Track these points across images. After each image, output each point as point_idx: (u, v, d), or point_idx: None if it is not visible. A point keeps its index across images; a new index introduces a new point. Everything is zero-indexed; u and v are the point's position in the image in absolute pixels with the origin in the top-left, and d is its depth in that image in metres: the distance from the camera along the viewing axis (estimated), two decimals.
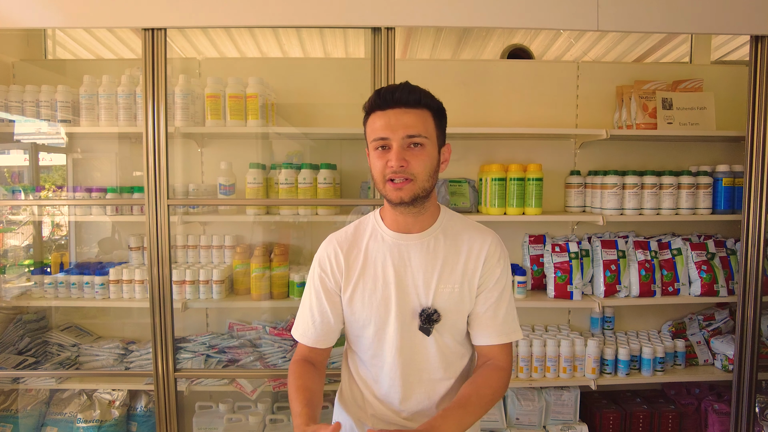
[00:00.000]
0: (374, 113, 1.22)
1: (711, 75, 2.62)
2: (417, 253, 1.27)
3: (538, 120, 2.61)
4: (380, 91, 1.21)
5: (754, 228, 2.19)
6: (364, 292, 1.29)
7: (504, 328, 1.30)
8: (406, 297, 1.27)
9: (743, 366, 2.23)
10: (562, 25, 2.10)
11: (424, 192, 1.21)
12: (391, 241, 1.29)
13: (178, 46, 3.66)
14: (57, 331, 2.50)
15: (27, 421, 2.42)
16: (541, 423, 2.46)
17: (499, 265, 1.30)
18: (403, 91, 1.20)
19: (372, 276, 1.28)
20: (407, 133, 1.18)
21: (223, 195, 2.36)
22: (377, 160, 1.21)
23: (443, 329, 1.28)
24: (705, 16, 2.10)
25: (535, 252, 2.58)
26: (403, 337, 1.28)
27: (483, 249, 1.29)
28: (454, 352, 1.33)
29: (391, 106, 1.19)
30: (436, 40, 4.00)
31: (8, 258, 2.64)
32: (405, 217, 1.27)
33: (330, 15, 2.02)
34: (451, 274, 1.27)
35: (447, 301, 1.27)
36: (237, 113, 2.26)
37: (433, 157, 1.22)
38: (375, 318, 1.28)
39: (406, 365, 1.29)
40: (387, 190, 1.21)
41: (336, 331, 1.35)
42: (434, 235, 1.29)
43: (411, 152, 1.18)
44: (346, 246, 1.32)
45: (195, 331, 2.56)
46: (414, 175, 1.18)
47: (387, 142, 1.19)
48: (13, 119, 2.30)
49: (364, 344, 1.33)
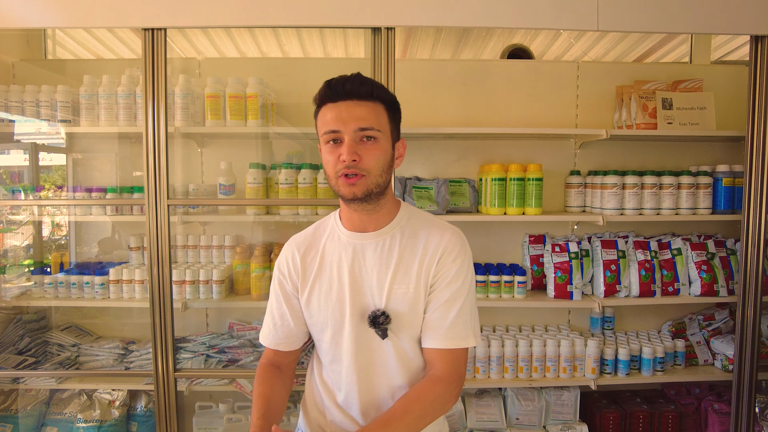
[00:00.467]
0: (325, 105, 1.16)
1: (711, 75, 2.63)
2: (372, 253, 1.21)
3: (538, 120, 2.61)
4: (330, 83, 1.15)
5: (754, 228, 2.19)
6: (320, 294, 1.24)
7: (450, 333, 1.18)
8: (360, 299, 1.21)
9: (743, 366, 2.23)
10: (562, 25, 2.10)
11: (378, 188, 1.15)
12: (346, 241, 1.24)
13: (178, 46, 3.66)
14: (57, 331, 2.50)
15: (27, 421, 2.42)
16: (541, 423, 2.46)
17: (456, 264, 1.19)
18: (355, 83, 1.13)
19: (328, 277, 1.24)
20: (359, 125, 1.12)
21: (223, 195, 2.36)
22: (329, 154, 1.14)
23: (400, 332, 1.20)
24: (705, 16, 2.10)
25: (535, 252, 2.58)
26: (359, 341, 1.21)
27: (440, 245, 1.20)
28: (414, 358, 1.23)
29: (342, 98, 1.13)
30: (436, 40, 4.00)
31: (8, 258, 2.64)
32: (359, 215, 1.21)
33: (330, 15, 2.02)
34: (405, 274, 1.20)
35: (401, 303, 1.19)
36: (237, 113, 2.26)
37: (386, 152, 1.16)
38: (331, 321, 1.23)
39: (363, 370, 1.22)
40: (339, 185, 1.14)
41: (298, 334, 1.31)
42: (391, 233, 1.23)
43: (364, 146, 1.13)
44: (304, 247, 1.28)
45: (195, 331, 2.56)
46: (367, 170, 1.12)
47: (338, 135, 1.13)
48: (13, 119, 2.30)
49: (324, 348, 1.28)
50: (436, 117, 2.61)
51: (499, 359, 2.37)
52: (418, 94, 2.59)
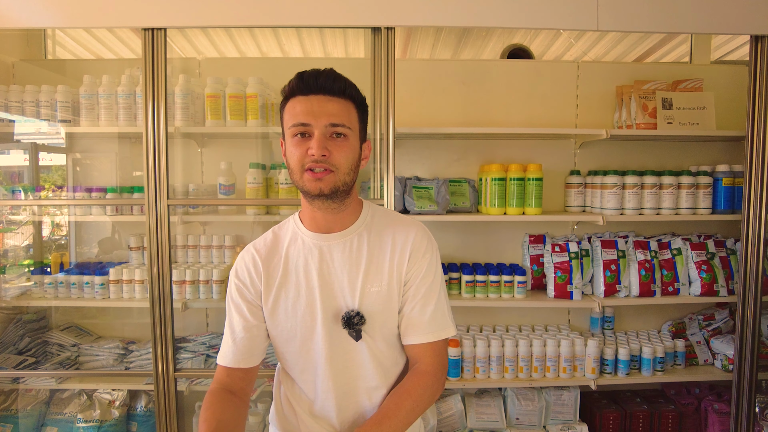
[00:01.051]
0: (295, 98, 1.11)
1: (711, 75, 2.63)
2: (340, 254, 1.18)
3: (538, 120, 2.61)
4: (303, 75, 1.11)
5: (754, 228, 2.19)
6: (287, 301, 1.19)
7: (432, 326, 1.20)
8: (332, 302, 1.17)
9: (743, 366, 2.23)
10: (562, 25, 2.10)
11: (345, 186, 1.12)
12: (311, 243, 1.19)
13: (178, 46, 3.66)
14: (57, 331, 2.50)
15: (27, 421, 2.42)
16: (541, 423, 2.46)
17: (426, 258, 1.20)
18: (328, 78, 1.10)
19: (294, 283, 1.19)
20: (331, 121, 1.09)
21: (223, 195, 2.36)
22: (295, 147, 1.10)
23: (374, 332, 1.19)
24: (705, 16, 2.10)
25: (535, 252, 2.58)
26: (333, 345, 1.18)
27: (408, 242, 1.20)
28: (389, 357, 1.23)
29: (314, 92, 1.10)
30: (436, 40, 4.00)
31: (8, 258, 2.64)
32: (324, 215, 1.17)
33: (330, 15, 2.02)
34: (377, 273, 1.18)
35: (374, 302, 1.17)
36: (237, 113, 2.26)
37: (355, 150, 1.14)
38: (300, 328, 1.18)
39: (339, 375, 1.19)
40: (305, 180, 1.10)
41: (260, 347, 1.23)
42: (357, 232, 1.20)
43: (333, 142, 1.10)
44: (265, 252, 1.21)
45: (195, 331, 2.56)
46: (336, 166, 1.09)
47: (308, 129, 1.09)
48: (13, 119, 2.30)
49: (291, 359, 1.22)
50: (436, 117, 2.61)
51: (499, 359, 2.37)
52: (418, 94, 2.59)
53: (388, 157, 2.07)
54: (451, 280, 2.42)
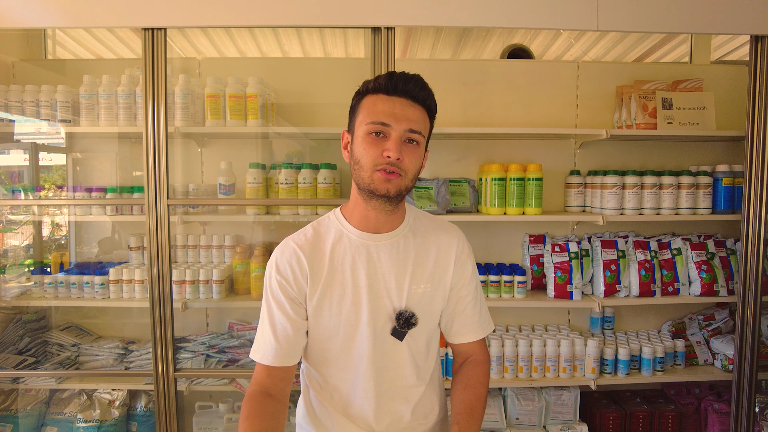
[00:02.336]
0: (377, 95, 1.13)
1: (711, 75, 2.62)
2: (387, 254, 1.20)
3: (538, 120, 2.61)
4: (393, 75, 1.13)
5: (754, 228, 2.19)
6: (332, 299, 1.18)
7: (482, 323, 1.32)
8: (378, 301, 1.19)
9: (743, 366, 2.23)
10: (562, 25, 2.10)
11: (407, 190, 1.15)
12: (359, 242, 1.20)
13: (178, 46, 3.66)
14: (57, 331, 2.50)
15: (27, 421, 2.42)
16: (541, 423, 2.46)
17: (469, 261, 1.29)
18: (416, 85, 1.13)
19: (340, 281, 1.18)
20: (410, 126, 1.11)
21: (223, 195, 2.36)
22: (370, 145, 1.11)
23: (416, 332, 1.22)
24: (705, 16, 2.10)
25: (535, 252, 2.58)
26: (376, 345, 1.19)
27: (452, 246, 1.25)
28: (424, 357, 1.27)
29: (399, 94, 1.12)
30: (436, 40, 4.00)
31: (8, 258, 2.64)
32: (377, 215, 1.17)
33: (330, 15, 2.02)
34: (422, 274, 1.21)
35: (420, 303, 1.21)
36: (237, 113, 2.26)
37: (421, 158, 1.17)
38: (344, 327, 1.18)
39: (380, 374, 1.20)
40: (374, 178, 1.11)
41: (301, 345, 1.22)
42: (403, 234, 1.23)
43: (406, 147, 1.12)
44: (308, 249, 1.20)
45: (195, 331, 2.56)
46: (405, 171, 1.12)
47: (386, 130, 1.10)
48: (13, 119, 2.30)
49: (330, 357, 1.22)
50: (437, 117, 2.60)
51: (499, 359, 2.37)
52: None
53: None
54: None
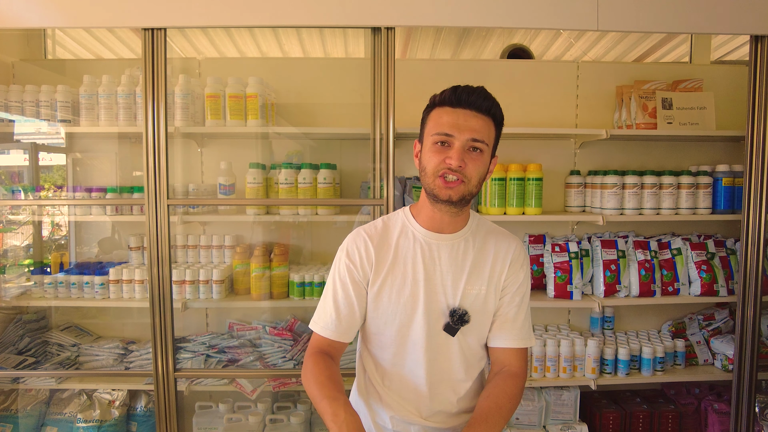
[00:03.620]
0: (443, 108, 1.24)
1: (711, 75, 2.62)
2: (447, 254, 1.29)
3: (538, 120, 2.61)
4: (457, 89, 1.24)
5: (754, 228, 2.19)
6: (392, 288, 1.28)
7: (521, 333, 1.33)
8: (434, 296, 1.28)
9: (743, 366, 2.23)
10: (562, 25, 2.10)
11: (471, 196, 1.23)
12: (422, 239, 1.30)
13: (178, 46, 3.66)
14: (57, 331, 2.50)
15: (27, 421, 2.42)
16: (541, 423, 2.46)
17: (523, 270, 1.33)
18: (479, 96, 1.22)
19: (401, 272, 1.29)
20: (472, 136, 1.19)
21: (223, 195, 2.36)
22: (434, 154, 1.21)
23: (468, 331, 1.30)
24: (705, 16, 2.09)
25: (535, 252, 2.57)
26: (430, 336, 1.28)
27: (509, 252, 1.32)
28: (475, 354, 1.34)
29: (463, 106, 1.22)
30: (436, 40, 4.00)
31: (8, 258, 2.64)
32: (442, 216, 1.27)
33: (330, 15, 2.02)
34: (478, 277, 1.29)
35: (473, 303, 1.29)
36: (237, 113, 2.25)
37: (486, 165, 1.24)
38: (401, 315, 1.28)
39: (431, 365, 1.29)
40: (436, 185, 1.21)
41: (358, 325, 1.34)
42: (464, 237, 1.31)
43: (470, 155, 1.20)
44: (377, 239, 1.31)
45: (195, 331, 2.56)
46: (468, 177, 1.20)
47: (450, 140, 1.20)
48: (13, 119, 2.29)
49: (385, 342, 1.32)
50: None
51: None
52: (418, 94, 2.56)
53: (388, 157, 2.07)
54: None
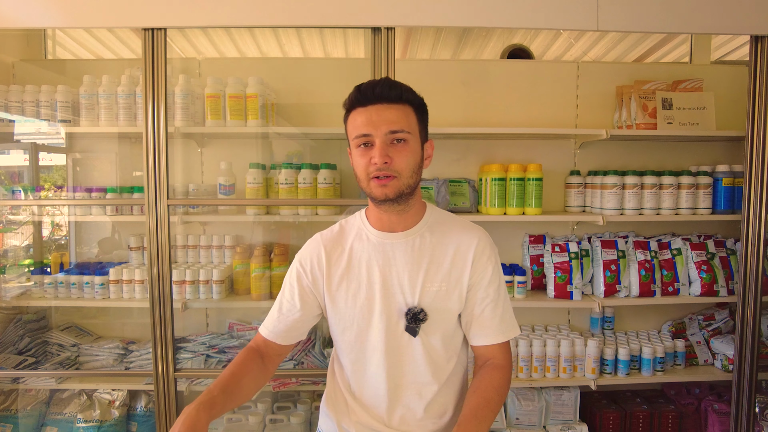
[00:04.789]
0: (355, 110, 1.19)
1: (711, 75, 2.62)
2: (402, 252, 1.25)
3: (538, 120, 2.61)
4: (360, 87, 1.18)
5: (754, 228, 2.19)
6: (348, 292, 1.26)
7: (503, 327, 1.28)
8: (391, 297, 1.24)
9: (743, 366, 2.23)
10: (562, 25, 2.10)
11: (409, 189, 1.19)
12: (375, 241, 1.26)
13: (178, 46, 3.66)
14: (57, 331, 2.50)
15: (27, 421, 2.42)
16: (541, 423, 2.46)
17: (490, 263, 1.27)
18: (384, 87, 1.17)
19: (356, 276, 1.26)
20: (390, 128, 1.15)
21: (223, 195, 2.36)
22: (360, 158, 1.18)
23: (430, 330, 1.25)
24: (705, 16, 2.09)
25: (535, 252, 2.58)
26: (389, 339, 1.24)
27: (470, 247, 1.26)
28: (441, 355, 1.28)
29: (372, 102, 1.17)
30: (436, 40, 4.00)
31: (8, 258, 2.64)
32: (389, 215, 1.24)
33: (330, 15, 2.02)
34: (437, 273, 1.24)
35: (433, 301, 1.24)
36: (237, 113, 2.25)
37: (416, 153, 1.20)
38: (357, 320, 1.25)
39: (392, 368, 1.25)
40: (371, 187, 1.18)
41: (299, 330, 1.31)
42: (419, 233, 1.26)
43: (394, 148, 1.16)
44: (330, 245, 1.30)
45: (195, 331, 2.55)
46: (398, 171, 1.16)
47: (369, 139, 1.16)
48: (13, 119, 2.29)
49: (346, 348, 1.29)
50: (436, 117, 2.56)
51: None
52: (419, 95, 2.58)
53: None
54: None
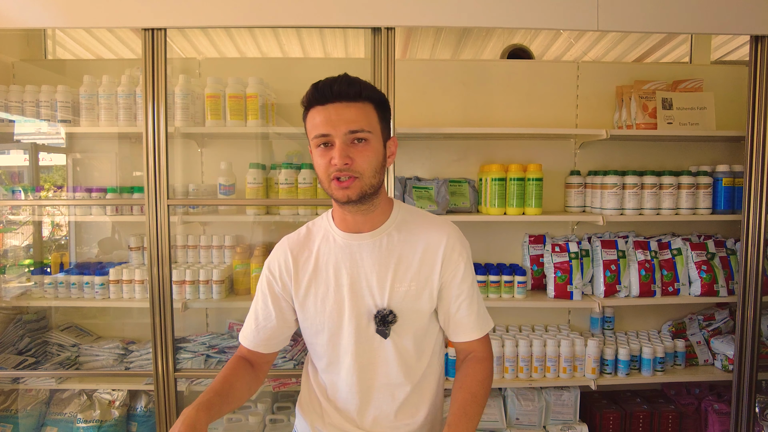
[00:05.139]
0: (313, 108, 1.14)
1: (711, 75, 2.62)
2: (369, 253, 1.21)
3: (538, 120, 2.61)
4: (318, 85, 1.13)
5: (754, 228, 2.19)
6: (317, 296, 1.23)
7: (480, 322, 1.28)
8: (360, 300, 1.21)
9: (743, 366, 2.23)
10: (562, 25, 2.10)
11: (372, 189, 1.15)
12: (342, 242, 1.23)
13: (178, 46, 3.66)
14: (57, 331, 2.50)
15: (27, 421, 2.42)
16: (541, 423, 2.46)
17: (462, 259, 1.24)
18: (342, 84, 1.11)
19: (324, 280, 1.23)
20: (350, 128, 1.10)
21: (223, 195, 2.36)
22: (320, 158, 1.13)
23: (402, 331, 1.22)
24: (705, 16, 2.09)
25: (535, 252, 2.58)
26: (360, 342, 1.22)
27: (440, 245, 1.22)
28: (413, 356, 1.25)
29: (330, 100, 1.11)
30: (436, 40, 4.00)
31: (8, 258, 2.64)
32: (354, 216, 1.20)
33: (330, 15, 2.02)
34: (406, 272, 1.21)
35: (403, 301, 1.21)
36: (237, 113, 2.25)
37: (378, 152, 1.15)
38: (328, 324, 1.23)
39: (364, 371, 1.23)
40: (333, 189, 1.14)
41: (280, 337, 1.30)
42: (387, 232, 1.23)
43: (355, 148, 1.12)
44: (297, 248, 1.26)
45: (195, 331, 2.55)
46: (360, 172, 1.12)
47: (329, 139, 1.11)
48: (13, 119, 2.29)
49: (319, 351, 1.27)
50: (436, 117, 2.61)
51: (499, 359, 2.37)
52: (418, 94, 2.59)
53: None
54: None
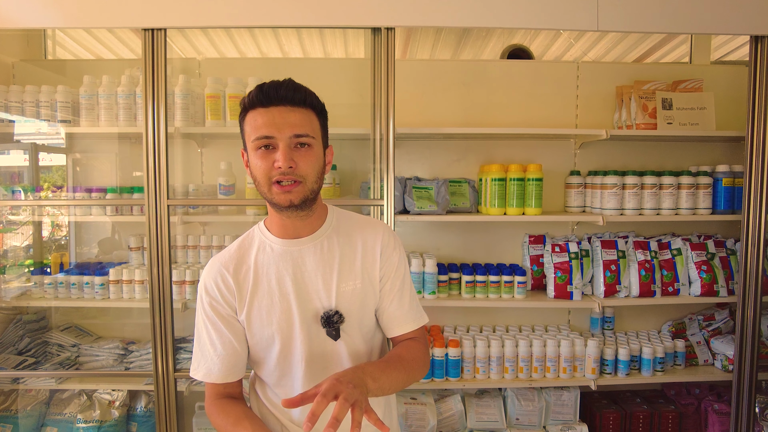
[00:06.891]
0: (255, 110, 1.13)
1: (711, 75, 2.62)
2: (311, 257, 1.21)
3: (538, 120, 2.61)
4: (263, 87, 1.12)
5: (754, 228, 2.19)
6: (261, 310, 1.20)
7: (412, 314, 1.28)
8: (308, 304, 1.20)
9: (743, 366, 2.23)
10: (562, 25, 2.10)
11: (313, 194, 1.14)
12: (281, 250, 1.21)
13: (178, 46, 3.66)
14: (57, 332, 2.50)
15: (27, 422, 2.42)
16: (541, 423, 2.46)
17: (396, 253, 1.27)
18: (289, 89, 1.11)
19: (267, 291, 1.20)
20: (295, 132, 1.10)
21: (223, 195, 2.36)
22: (261, 160, 1.11)
23: (351, 330, 1.22)
24: (705, 16, 2.10)
25: (535, 252, 2.58)
26: (312, 347, 1.20)
27: (377, 241, 1.25)
28: (365, 356, 1.26)
29: (274, 103, 1.11)
30: (436, 40, 4.00)
31: (8, 258, 2.64)
32: (293, 222, 1.19)
33: (330, 15, 2.02)
34: (350, 271, 1.22)
35: (350, 300, 1.21)
36: (237, 113, 2.25)
37: (320, 158, 1.16)
38: (278, 334, 1.20)
39: (318, 377, 1.18)
40: (273, 193, 1.11)
41: (244, 358, 1.25)
42: (326, 235, 1.23)
43: (298, 153, 1.11)
44: (233, 265, 1.22)
45: None
46: (303, 176, 1.11)
47: (272, 141, 1.10)
48: (13, 119, 2.29)
49: (270, 366, 1.23)
50: (436, 117, 2.61)
51: (499, 359, 2.37)
52: (418, 95, 2.59)
53: (388, 157, 2.07)
54: (451, 280, 2.42)
